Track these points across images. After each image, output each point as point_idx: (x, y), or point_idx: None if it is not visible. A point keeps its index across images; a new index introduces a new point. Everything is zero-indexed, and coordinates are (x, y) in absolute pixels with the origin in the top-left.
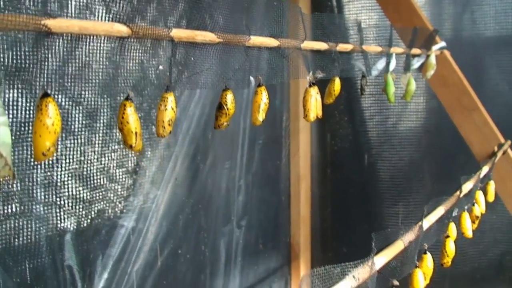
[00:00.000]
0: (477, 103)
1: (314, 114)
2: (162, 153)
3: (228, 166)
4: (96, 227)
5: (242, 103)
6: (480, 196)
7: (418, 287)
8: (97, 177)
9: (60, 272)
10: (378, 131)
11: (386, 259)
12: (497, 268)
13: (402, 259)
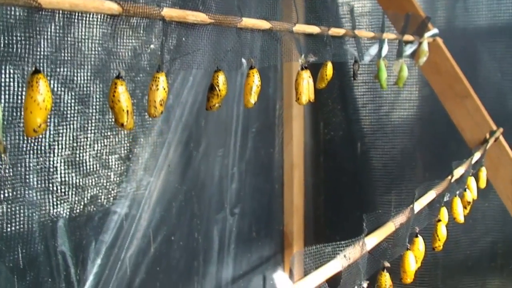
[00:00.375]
0: (469, 90)
1: (306, 97)
2: (155, 140)
3: (221, 153)
4: (89, 213)
5: (235, 90)
6: (472, 182)
7: (409, 269)
8: (90, 163)
9: (53, 258)
10: (371, 120)
11: (377, 240)
12: (489, 256)
13: (393, 241)
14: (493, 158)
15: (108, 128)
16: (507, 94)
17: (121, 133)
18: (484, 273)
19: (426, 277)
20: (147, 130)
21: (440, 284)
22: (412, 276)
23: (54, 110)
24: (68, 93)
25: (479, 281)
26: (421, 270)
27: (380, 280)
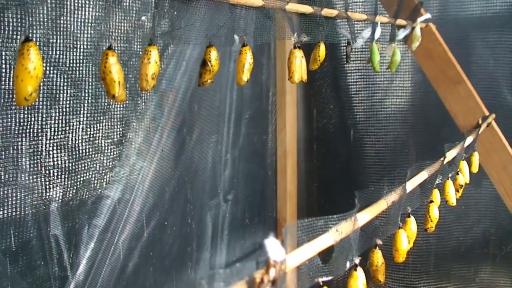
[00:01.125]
0: (462, 76)
1: (298, 76)
2: (148, 125)
3: (214, 139)
4: (82, 197)
5: (228, 76)
6: (464, 166)
7: (401, 248)
8: (83, 147)
9: (46, 242)
10: (364, 107)
11: (369, 217)
12: (481, 243)
13: (385, 219)
14: (486, 144)
15: (101, 112)
16: (499, 81)
17: (114, 118)
18: (476, 259)
19: (418, 263)
20: (140, 115)
21: (433, 270)
22: (404, 254)
23: (47, 94)
24: (60, 76)
25: (472, 268)
26: (414, 257)
27: (372, 257)
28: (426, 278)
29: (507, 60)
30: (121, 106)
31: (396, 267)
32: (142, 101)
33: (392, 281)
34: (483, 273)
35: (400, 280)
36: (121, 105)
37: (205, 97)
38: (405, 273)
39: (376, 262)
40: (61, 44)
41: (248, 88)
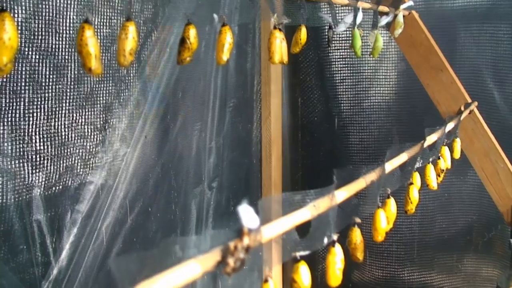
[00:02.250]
0: (444, 63)
1: (279, 56)
2: (131, 111)
3: (198, 127)
4: (64, 183)
5: (213, 64)
6: (446, 151)
7: (380, 227)
8: (66, 132)
9: (28, 227)
10: (348, 95)
11: (347, 194)
12: (465, 231)
13: (364, 197)
14: (468, 130)
15: (83, 98)
16: (482, 70)
17: (97, 103)
18: (459, 247)
19: (402, 251)
20: (123, 101)
21: (416, 258)
22: (383, 234)
23: (29, 79)
24: (43, 61)
25: (455, 255)
26: (398, 244)
27: (351, 235)
28: (410, 265)
29: (489, 49)
30: (104, 92)
31: (379, 255)
32: (126, 88)
33: (375, 269)
34: (466, 260)
35: (384, 268)
36: (104, 91)
37: (189, 84)
38: (388, 261)
39: (355, 240)
40: (43, 29)
41: (233, 77)
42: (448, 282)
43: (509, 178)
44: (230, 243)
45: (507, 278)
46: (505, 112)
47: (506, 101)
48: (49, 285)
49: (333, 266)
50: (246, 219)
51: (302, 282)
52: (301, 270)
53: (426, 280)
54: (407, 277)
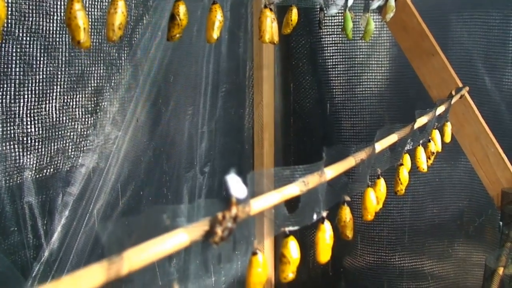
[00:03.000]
0: (436, 48)
1: (269, 35)
2: (122, 94)
3: (190, 112)
4: (56, 165)
5: (205, 49)
6: (437, 134)
7: (370, 206)
8: (57, 115)
9: (19, 208)
10: (340, 81)
11: (336, 172)
12: (456, 216)
13: (354, 176)
14: (459, 115)
15: (74, 80)
16: (474, 55)
17: (88, 86)
18: (450, 231)
19: (393, 236)
20: (114, 84)
21: (407, 243)
22: (373, 213)
23: (20, 61)
24: (35, 44)
25: (445, 240)
26: (389, 230)
27: (340, 213)
28: (401, 250)
29: (481, 35)
30: (95, 75)
31: (371, 240)
32: (117, 71)
33: (367, 254)
34: (457, 244)
35: (375, 253)
36: (95, 74)
37: (180, 68)
38: (379, 246)
39: (344, 218)
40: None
41: (225, 62)
42: (439, 266)
43: (500, 162)
44: (218, 213)
45: (496, 258)
46: (496, 98)
47: (497, 87)
48: (40, 267)
49: (322, 243)
50: (234, 189)
51: (292, 256)
52: (290, 245)
53: (417, 265)
54: (398, 262)
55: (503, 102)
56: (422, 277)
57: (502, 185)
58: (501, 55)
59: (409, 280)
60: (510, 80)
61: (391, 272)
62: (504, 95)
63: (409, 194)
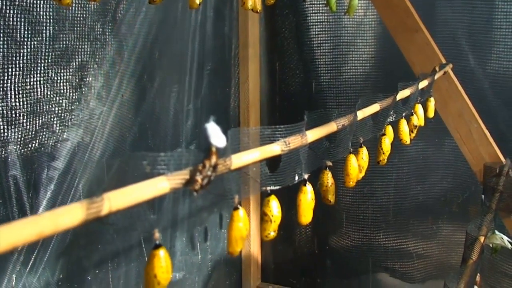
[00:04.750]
0: (419, 24)
1: (252, 2)
2: (107, 70)
3: (176, 89)
4: (41, 139)
5: (190, 26)
6: (420, 109)
7: (352, 172)
8: (41, 89)
9: (4, 181)
10: (326, 59)
11: (318, 135)
12: (440, 192)
13: (336, 141)
14: (442, 91)
15: (59, 55)
16: (458, 33)
17: (73, 61)
18: (434, 208)
19: (378, 213)
20: (98, 59)
21: (392, 220)
22: (355, 180)
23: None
24: (19, 17)
25: (429, 217)
26: (374, 207)
27: (322, 178)
28: (386, 228)
29: (465, 13)
30: (80, 49)
31: (355, 217)
32: (101, 46)
33: (352, 232)
34: (441, 222)
35: (360, 231)
36: (79, 48)
37: (166, 46)
38: (364, 224)
39: (326, 183)
40: None
41: (210, 40)
42: (424, 244)
43: (482, 138)
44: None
45: (477, 227)
46: (479, 76)
47: (481, 65)
48: None
49: (304, 204)
50: (214, 138)
51: (273, 214)
52: (272, 204)
53: (402, 243)
54: (383, 241)
55: (487, 80)
56: (407, 255)
57: (485, 160)
58: (485, 33)
59: (394, 258)
60: (494, 58)
61: (376, 250)
62: (488, 73)
63: (393, 173)
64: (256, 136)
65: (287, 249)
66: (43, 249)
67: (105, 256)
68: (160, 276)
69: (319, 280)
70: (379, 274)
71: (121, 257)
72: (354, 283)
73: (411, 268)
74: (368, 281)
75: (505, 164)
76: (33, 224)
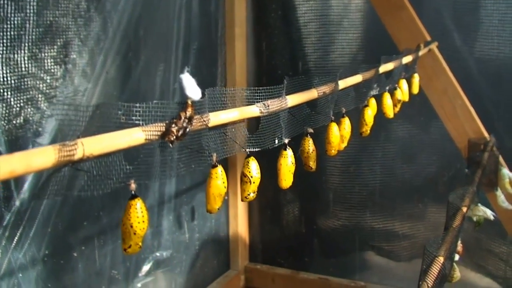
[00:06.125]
0: (404, 2)
1: None
2: (92, 47)
3: (162, 68)
4: (25, 115)
5: (175, 6)
6: (404, 84)
7: (334, 140)
8: (26, 64)
9: None
10: (313, 39)
11: (298, 101)
12: (425, 171)
13: (317, 108)
14: (427, 69)
15: (43, 31)
16: (443, 10)
17: (58, 38)
18: (419, 187)
19: (365, 192)
20: (83, 36)
21: (378, 201)
22: (336, 148)
23: None
24: None
25: (415, 195)
26: (361, 187)
27: (303, 144)
28: (372, 206)
29: None
30: (64, 25)
31: (342, 197)
32: (86, 22)
33: (339, 212)
34: (426, 199)
35: (347, 211)
36: (63, 25)
37: (151, 24)
38: (351, 203)
39: (307, 149)
40: None
41: (196, 19)
42: (410, 223)
43: (467, 114)
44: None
45: (459, 197)
46: (465, 54)
47: (466, 43)
48: (11, 216)
49: (284, 168)
50: (189, 89)
51: (252, 175)
52: (251, 165)
53: (388, 221)
54: (370, 220)
55: (472, 59)
56: (394, 234)
57: (469, 136)
58: (470, 11)
59: (380, 237)
60: (479, 36)
61: (363, 229)
62: (473, 52)
63: (379, 152)
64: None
65: (274, 229)
66: (29, 225)
67: (91, 233)
68: (136, 226)
69: (306, 259)
70: (366, 253)
71: (108, 235)
72: (341, 262)
73: (397, 247)
74: (355, 259)
75: (490, 140)
76: (5, 163)
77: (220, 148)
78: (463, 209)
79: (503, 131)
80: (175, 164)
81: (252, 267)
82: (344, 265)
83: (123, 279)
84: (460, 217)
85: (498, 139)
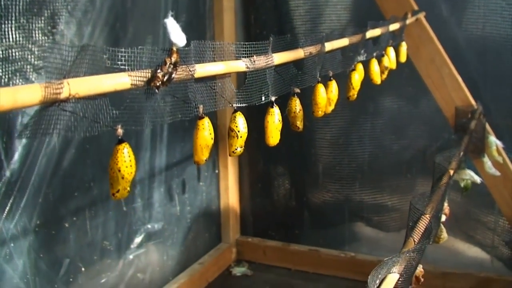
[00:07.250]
0: None
1: None
2: (79, 17)
3: (150, 40)
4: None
5: None
6: (391, 51)
7: (320, 101)
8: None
9: None
10: (301, 11)
11: (284, 59)
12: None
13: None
14: (415, 38)
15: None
16: None
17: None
18: (407, 158)
19: (354, 164)
20: (70, 7)
21: (367, 173)
22: (323, 109)
23: None
24: None
25: (404, 166)
26: (350, 159)
27: (290, 104)
28: (361, 178)
29: None
30: None
31: (332, 169)
32: None
33: (328, 184)
34: (415, 169)
35: (336, 183)
36: None
37: None
38: (340, 175)
39: (294, 109)
40: None
41: None
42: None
43: (454, 83)
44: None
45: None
46: (452, 25)
47: (453, 14)
48: (2, 186)
49: (271, 126)
50: (174, 35)
51: (239, 129)
52: (238, 120)
53: (377, 192)
54: (359, 191)
55: (459, 29)
56: (383, 205)
57: (456, 104)
58: None
59: (369, 208)
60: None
61: (352, 200)
62: (460, 22)
63: (368, 124)
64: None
65: (265, 202)
66: (19, 195)
67: (83, 204)
68: (124, 170)
69: (297, 232)
70: (356, 224)
71: (99, 206)
72: (331, 233)
73: (386, 218)
74: (345, 230)
75: (477, 108)
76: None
77: (207, 101)
78: (450, 171)
79: (489, 100)
80: (162, 112)
81: (243, 240)
82: (334, 236)
83: (115, 250)
84: (446, 177)
85: (484, 108)
